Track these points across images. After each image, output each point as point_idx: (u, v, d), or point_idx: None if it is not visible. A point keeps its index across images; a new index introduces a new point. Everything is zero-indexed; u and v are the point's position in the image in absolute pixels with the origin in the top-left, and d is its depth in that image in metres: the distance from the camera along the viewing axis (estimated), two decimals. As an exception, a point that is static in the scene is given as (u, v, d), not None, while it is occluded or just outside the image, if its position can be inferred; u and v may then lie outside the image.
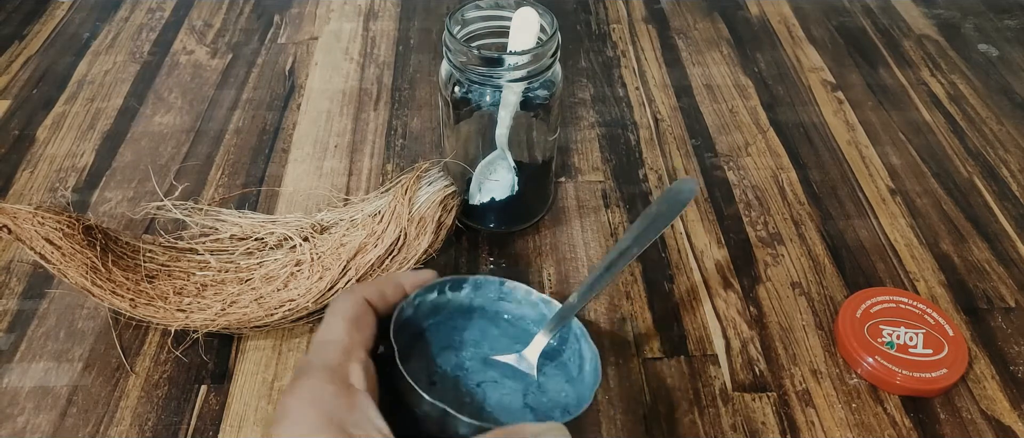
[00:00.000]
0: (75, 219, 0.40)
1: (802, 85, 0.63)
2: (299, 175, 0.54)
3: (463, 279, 0.35)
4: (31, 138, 0.57)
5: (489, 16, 0.43)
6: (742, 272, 0.47)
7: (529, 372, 0.34)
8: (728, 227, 0.50)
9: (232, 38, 0.68)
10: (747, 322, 0.44)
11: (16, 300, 0.45)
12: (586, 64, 0.65)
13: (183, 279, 0.42)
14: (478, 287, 0.36)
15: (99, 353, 0.42)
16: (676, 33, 0.70)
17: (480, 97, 0.43)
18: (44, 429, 0.39)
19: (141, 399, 0.40)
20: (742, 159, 0.56)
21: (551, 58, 0.41)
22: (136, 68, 0.64)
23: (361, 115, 0.59)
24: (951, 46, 0.68)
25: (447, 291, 0.35)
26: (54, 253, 0.39)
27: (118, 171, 0.54)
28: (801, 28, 0.70)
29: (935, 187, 0.54)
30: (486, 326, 0.36)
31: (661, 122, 0.59)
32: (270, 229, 0.45)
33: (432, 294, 0.34)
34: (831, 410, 0.40)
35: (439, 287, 0.34)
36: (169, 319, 0.41)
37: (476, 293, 0.36)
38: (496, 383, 0.34)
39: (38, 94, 0.62)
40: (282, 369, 0.41)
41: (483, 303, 0.36)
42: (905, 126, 0.59)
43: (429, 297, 0.34)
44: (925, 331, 0.42)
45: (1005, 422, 0.39)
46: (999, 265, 0.48)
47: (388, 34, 0.69)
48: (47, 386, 0.40)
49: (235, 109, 0.60)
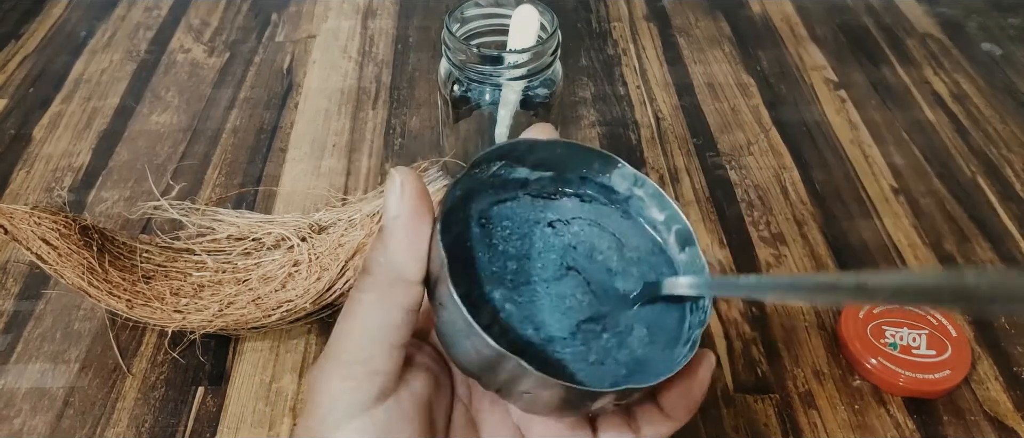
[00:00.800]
0: (72, 219, 0.40)
1: (805, 84, 0.63)
2: (297, 175, 0.53)
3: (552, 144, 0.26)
4: (27, 137, 0.57)
5: (489, 14, 0.43)
6: (744, 272, 0.47)
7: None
8: (730, 227, 0.50)
9: (229, 37, 0.68)
10: (749, 323, 0.44)
11: (12, 301, 0.45)
12: (587, 62, 0.65)
13: (180, 280, 0.42)
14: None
15: (96, 354, 0.42)
16: (677, 31, 0.69)
17: (480, 96, 0.42)
18: (41, 431, 0.38)
19: (138, 401, 0.39)
20: (744, 158, 0.55)
21: (551, 56, 0.41)
22: (133, 67, 0.64)
23: (359, 114, 0.59)
24: (955, 45, 0.68)
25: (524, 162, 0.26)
26: (50, 253, 0.39)
27: (115, 171, 0.53)
28: (804, 26, 0.70)
29: (938, 187, 0.53)
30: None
31: (662, 121, 0.59)
32: (268, 229, 0.45)
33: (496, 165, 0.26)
34: (834, 412, 0.39)
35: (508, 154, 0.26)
36: (166, 320, 0.40)
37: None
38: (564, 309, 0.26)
39: (34, 93, 0.61)
40: (280, 370, 0.41)
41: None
42: (908, 125, 0.59)
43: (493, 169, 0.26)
44: (928, 332, 0.41)
45: (1008, 424, 0.39)
46: (1003, 265, 0.47)
47: (387, 32, 0.68)
48: (43, 387, 0.40)
49: (232, 108, 0.59)
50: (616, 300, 0.27)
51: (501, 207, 0.28)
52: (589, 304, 0.26)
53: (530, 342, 0.25)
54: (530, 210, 0.29)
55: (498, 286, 0.26)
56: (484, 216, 0.28)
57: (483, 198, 0.28)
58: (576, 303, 0.26)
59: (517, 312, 0.26)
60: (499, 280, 0.27)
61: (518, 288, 0.27)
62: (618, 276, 0.27)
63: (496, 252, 0.27)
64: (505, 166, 0.28)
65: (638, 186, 0.27)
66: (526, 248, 0.28)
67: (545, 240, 0.28)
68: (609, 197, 0.29)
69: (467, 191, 0.27)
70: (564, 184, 0.29)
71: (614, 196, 0.28)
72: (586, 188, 0.29)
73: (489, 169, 0.27)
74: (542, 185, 0.29)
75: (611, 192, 0.28)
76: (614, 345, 0.25)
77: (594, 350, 0.25)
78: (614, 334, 0.26)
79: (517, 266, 0.27)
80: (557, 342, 0.25)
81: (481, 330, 0.22)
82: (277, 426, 0.39)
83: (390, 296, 0.23)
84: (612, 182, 0.28)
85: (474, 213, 0.28)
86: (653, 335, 0.26)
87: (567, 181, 0.29)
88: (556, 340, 0.25)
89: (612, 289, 0.27)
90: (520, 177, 0.28)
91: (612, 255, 0.28)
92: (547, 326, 0.26)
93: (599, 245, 0.28)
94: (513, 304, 0.26)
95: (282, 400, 0.40)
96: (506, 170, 0.28)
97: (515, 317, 0.26)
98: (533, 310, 0.26)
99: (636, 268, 0.27)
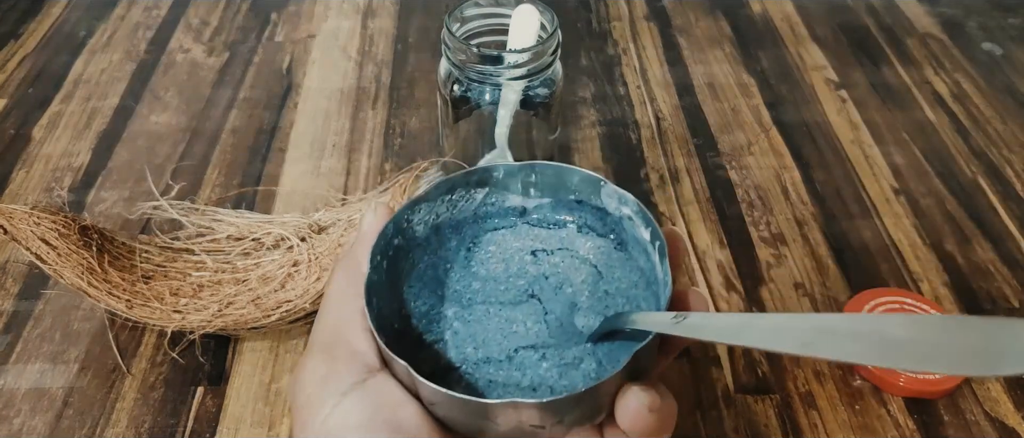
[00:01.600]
0: (71, 219, 0.40)
1: (805, 84, 0.63)
2: (296, 175, 0.53)
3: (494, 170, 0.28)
4: (27, 137, 0.57)
5: (489, 14, 0.43)
6: (744, 273, 0.47)
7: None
8: (730, 227, 0.50)
9: (229, 36, 0.68)
10: (749, 323, 0.44)
11: (12, 301, 0.44)
12: (587, 62, 0.65)
13: (179, 280, 0.42)
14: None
15: (95, 354, 0.42)
16: (678, 31, 0.69)
17: (479, 96, 0.42)
18: (40, 431, 0.38)
19: (137, 401, 0.39)
20: (744, 158, 0.55)
21: (551, 56, 0.41)
22: (132, 67, 0.64)
23: (359, 114, 0.59)
24: (955, 45, 0.68)
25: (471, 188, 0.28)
26: (50, 253, 0.39)
27: (114, 171, 0.53)
28: (804, 26, 0.70)
29: (939, 187, 0.53)
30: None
31: (663, 121, 0.59)
32: (267, 229, 0.45)
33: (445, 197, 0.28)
34: (834, 412, 0.39)
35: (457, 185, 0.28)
36: (165, 320, 0.40)
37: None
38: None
39: (34, 93, 0.61)
40: (279, 371, 0.41)
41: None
42: (909, 125, 0.59)
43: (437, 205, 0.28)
44: (929, 332, 0.41)
45: (1009, 424, 0.39)
46: (1003, 266, 0.47)
47: (386, 32, 0.68)
48: (43, 388, 0.40)
49: (232, 108, 0.59)
50: (569, 334, 0.27)
51: (494, 234, 0.30)
52: (536, 333, 0.27)
53: (466, 359, 0.26)
54: (521, 239, 0.30)
55: (454, 304, 0.28)
56: (474, 240, 0.30)
57: (475, 225, 0.30)
58: (523, 329, 0.27)
59: (464, 330, 0.27)
60: (457, 298, 0.28)
61: (471, 307, 0.28)
62: (580, 311, 0.28)
63: (468, 272, 0.29)
64: (490, 193, 0.29)
65: (623, 205, 0.27)
66: (498, 272, 0.29)
67: (521, 266, 0.29)
68: (604, 222, 0.29)
69: (452, 219, 0.29)
70: (562, 210, 0.29)
71: (608, 219, 0.29)
72: (584, 213, 0.29)
73: (470, 196, 0.29)
74: (543, 214, 0.30)
75: (605, 214, 0.29)
76: (554, 375, 0.26)
77: (529, 377, 0.25)
78: (556, 365, 0.26)
79: (481, 287, 0.28)
80: (492, 364, 0.26)
81: (383, 343, 0.23)
82: (277, 426, 0.38)
83: (355, 286, 0.25)
84: (603, 203, 0.28)
85: (467, 237, 0.30)
86: (603, 369, 0.26)
87: (565, 206, 0.29)
88: (492, 361, 0.26)
89: (569, 323, 0.27)
90: (516, 206, 0.30)
91: (583, 290, 0.28)
92: (487, 346, 0.26)
93: (573, 278, 0.29)
94: (462, 322, 0.27)
95: (282, 400, 0.40)
96: (497, 198, 0.29)
97: (461, 335, 0.27)
98: (478, 329, 0.27)
99: (608, 302, 0.28)
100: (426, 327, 0.27)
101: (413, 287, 0.28)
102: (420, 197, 0.28)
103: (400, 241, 0.28)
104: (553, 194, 0.29)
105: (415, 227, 0.28)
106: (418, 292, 0.28)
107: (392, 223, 0.26)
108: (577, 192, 0.29)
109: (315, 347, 0.25)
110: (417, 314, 0.27)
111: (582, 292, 0.28)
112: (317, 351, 0.25)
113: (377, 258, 0.26)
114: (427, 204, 0.28)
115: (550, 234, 0.30)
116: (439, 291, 0.28)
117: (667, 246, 0.25)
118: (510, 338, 0.27)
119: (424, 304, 0.28)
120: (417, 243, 0.29)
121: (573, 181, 0.28)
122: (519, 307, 0.28)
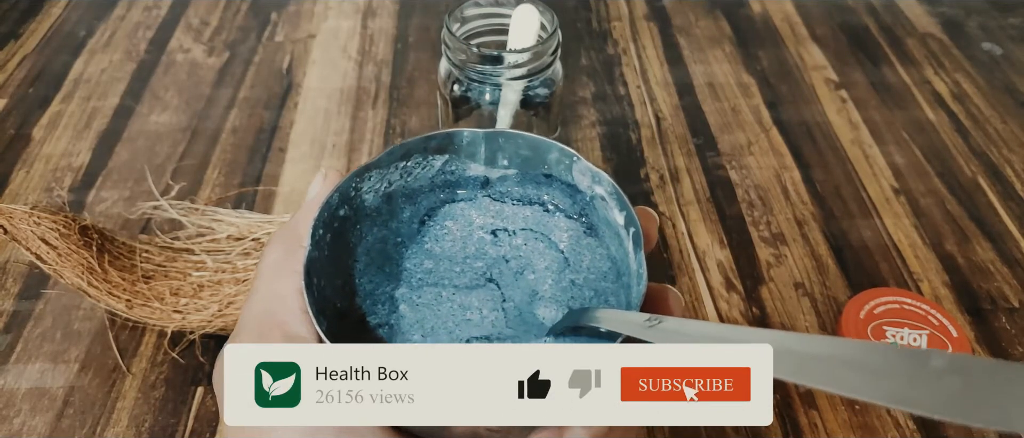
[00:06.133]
0: (71, 219, 0.40)
1: (805, 84, 0.63)
2: (296, 174, 0.53)
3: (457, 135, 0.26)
4: (27, 137, 0.57)
5: (489, 13, 0.43)
6: (744, 272, 0.47)
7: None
8: (730, 227, 0.50)
9: (229, 36, 0.68)
10: (750, 323, 0.44)
11: (12, 301, 0.44)
12: (587, 62, 0.65)
13: (180, 280, 0.42)
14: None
15: (95, 354, 0.42)
16: (678, 31, 0.69)
17: (479, 96, 0.42)
18: (40, 431, 0.38)
19: (138, 400, 0.39)
20: (744, 158, 0.55)
21: (551, 56, 0.41)
22: (132, 67, 0.64)
23: (359, 114, 0.59)
24: (955, 44, 0.68)
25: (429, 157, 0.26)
26: (50, 253, 0.39)
27: (114, 171, 0.53)
28: (804, 26, 0.70)
29: (939, 187, 0.53)
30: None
31: (663, 121, 0.59)
32: (267, 229, 0.45)
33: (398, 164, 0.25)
34: (834, 412, 0.39)
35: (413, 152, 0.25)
36: (166, 320, 0.40)
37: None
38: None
39: (34, 93, 0.61)
40: (280, 371, 0.41)
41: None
42: (909, 125, 0.59)
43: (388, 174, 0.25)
44: (929, 332, 0.41)
45: (1010, 424, 0.39)
46: (1003, 265, 0.47)
47: (386, 32, 0.68)
48: (43, 387, 0.40)
49: (232, 108, 0.59)
50: (528, 325, 0.24)
51: (452, 206, 0.27)
52: (492, 323, 0.24)
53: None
54: (482, 214, 0.27)
55: (402, 285, 0.25)
56: (430, 212, 0.27)
57: (431, 195, 0.27)
58: (478, 318, 0.25)
59: (411, 315, 0.24)
60: (407, 278, 0.25)
61: (421, 289, 0.25)
62: (541, 301, 0.25)
63: (421, 249, 0.26)
64: (449, 161, 0.26)
65: (597, 183, 0.25)
66: (454, 251, 0.26)
67: (480, 247, 0.26)
68: (574, 200, 0.27)
69: (406, 188, 0.26)
70: (530, 184, 0.27)
71: (578, 197, 0.27)
72: (553, 190, 0.27)
73: (428, 164, 0.26)
74: (507, 187, 0.27)
75: (576, 192, 0.27)
76: None
77: None
78: None
79: (433, 266, 0.26)
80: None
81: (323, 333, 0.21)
82: (277, 426, 0.38)
83: (293, 261, 0.23)
84: (575, 180, 0.26)
85: (422, 208, 0.27)
86: None
87: (533, 180, 0.27)
88: None
89: (529, 313, 0.25)
90: (478, 176, 0.27)
91: (547, 278, 0.26)
92: (436, 334, 0.24)
93: (536, 263, 0.26)
94: (409, 305, 0.25)
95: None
96: (458, 166, 0.27)
97: (408, 319, 0.24)
98: (427, 315, 0.24)
99: (574, 293, 0.25)
100: (371, 308, 0.24)
101: (359, 262, 0.25)
102: (371, 163, 0.25)
103: (346, 211, 0.25)
104: (520, 166, 0.27)
105: (364, 195, 0.25)
106: (364, 268, 0.25)
107: (337, 192, 0.24)
108: (546, 165, 0.26)
109: (244, 331, 0.22)
110: (362, 293, 0.25)
111: (545, 280, 0.26)
112: (246, 336, 0.22)
113: (320, 232, 0.23)
114: (379, 171, 0.25)
115: (514, 211, 0.27)
116: (387, 268, 0.26)
117: (639, 221, 0.23)
118: (462, 326, 0.24)
119: (369, 282, 0.25)
120: (366, 213, 0.26)
121: (544, 153, 0.26)
122: (474, 292, 0.25)
